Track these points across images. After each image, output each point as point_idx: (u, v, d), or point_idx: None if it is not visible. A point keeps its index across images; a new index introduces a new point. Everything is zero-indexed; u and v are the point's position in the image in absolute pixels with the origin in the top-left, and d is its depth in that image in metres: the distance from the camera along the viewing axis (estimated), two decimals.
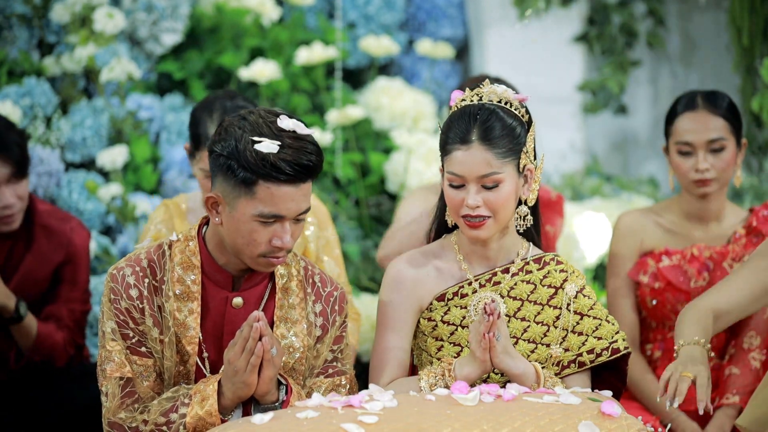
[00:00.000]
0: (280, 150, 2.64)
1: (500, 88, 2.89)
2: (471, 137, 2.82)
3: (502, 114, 2.84)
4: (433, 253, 2.99)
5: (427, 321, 2.94)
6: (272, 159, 2.64)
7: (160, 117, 5.05)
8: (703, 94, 3.57)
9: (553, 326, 2.91)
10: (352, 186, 5.32)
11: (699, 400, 2.71)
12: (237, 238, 2.71)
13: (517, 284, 2.93)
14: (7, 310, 3.61)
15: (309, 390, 2.83)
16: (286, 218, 2.69)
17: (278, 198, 2.67)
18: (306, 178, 2.69)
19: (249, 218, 2.69)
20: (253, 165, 2.64)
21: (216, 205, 2.73)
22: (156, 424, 2.71)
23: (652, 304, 3.62)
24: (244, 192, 2.67)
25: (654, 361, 3.68)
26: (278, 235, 2.70)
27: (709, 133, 3.51)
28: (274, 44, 5.42)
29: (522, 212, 2.90)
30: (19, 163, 3.63)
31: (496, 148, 2.81)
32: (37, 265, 3.77)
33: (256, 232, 2.69)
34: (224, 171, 2.69)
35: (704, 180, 3.52)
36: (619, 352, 2.92)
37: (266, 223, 2.69)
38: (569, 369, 2.90)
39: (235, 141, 2.66)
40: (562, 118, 5.86)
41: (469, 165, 2.81)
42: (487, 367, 2.80)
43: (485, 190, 2.83)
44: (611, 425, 2.57)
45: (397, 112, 5.36)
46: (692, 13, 6.16)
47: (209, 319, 2.79)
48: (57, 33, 5.13)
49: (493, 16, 5.83)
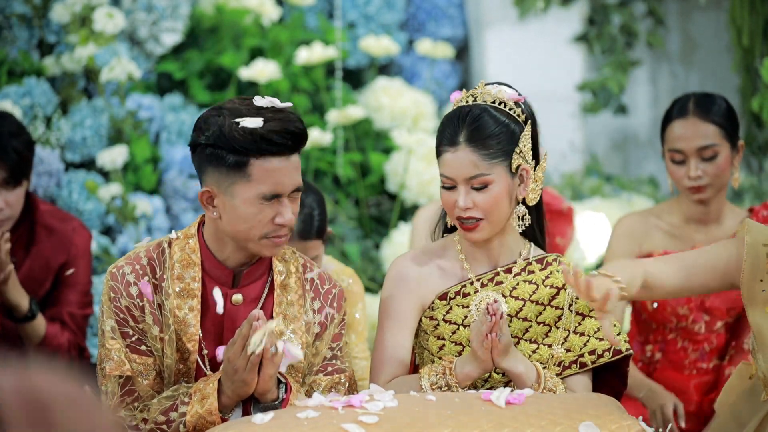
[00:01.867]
0: (265, 123, 2.66)
1: (495, 89, 2.89)
2: (458, 139, 2.82)
3: (493, 114, 2.84)
4: (436, 252, 2.99)
5: (429, 320, 2.94)
6: (260, 132, 2.65)
7: (160, 117, 5.05)
8: (696, 99, 3.55)
9: (554, 326, 2.91)
10: (352, 186, 5.32)
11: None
12: (239, 224, 2.71)
13: (519, 284, 2.93)
14: (21, 309, 3.61)
15: (308, 388, 2.83)
16: (284, 195, 2.71)
17: (273, 173, 2.68)
18: (295, 147, 2.70)
19: (250, 201, 2.69)
20: (243, 143, 2.65)
21: (211, 199, 2.73)
22: (156, 422, 2.71)
23: (652, 307, 3.62)
24: (239, 176, 2.68)
25: (654, 363, 3.68)
26: (280, 212, 2.71)
27: (699, 140, 3.50)
28: (274, 44, 5.42)
29: (520, 212, 2.90)
30: (13, 170, 3.59)
31: (483, 150, 2.81)
32: (38, 265, 3.76)
33: (260, 213, 2.70)
34: (213, 161, 2.69)
35: (698, 187, 3.52)
36: (620, 353, 2.91)
37: (267, 203, 2.70)
38: (570, 369, 2.90)
39: (219, 127, 2.67)
40: (562, 118, 5.86)
41: (457, 167, 2.82)
42: (488, 367, 2.80)
43: (475, 192, 2.83)
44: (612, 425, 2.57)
45: (397, 112, 5.36)
46: (692, 13, 6.16)
47: (209, 316, 2.79)
48: (57, 33, 5.13)
49: (493, 16, 5.83)
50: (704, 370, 3.65)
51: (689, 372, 3.65)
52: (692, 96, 3.58)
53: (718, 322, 3.62)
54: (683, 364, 3.65)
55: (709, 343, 3.64)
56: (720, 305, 3.60)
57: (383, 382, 2.87)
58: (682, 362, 3.65)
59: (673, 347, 3.66)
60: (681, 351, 3.65)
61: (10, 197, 3.62)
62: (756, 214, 3.62)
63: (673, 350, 3.66)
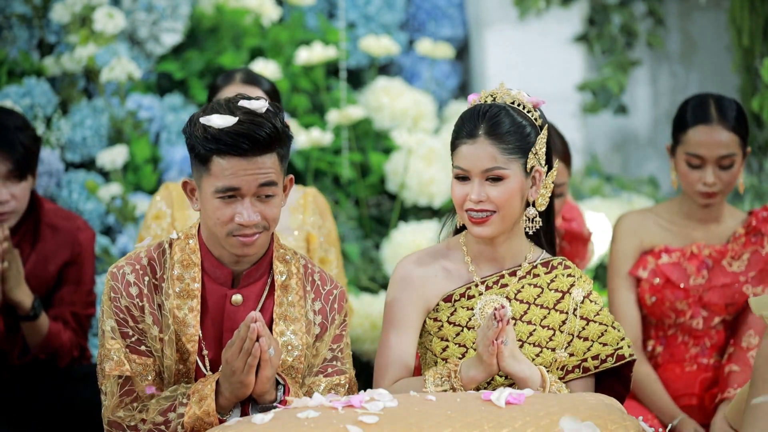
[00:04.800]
0: (233, 124, 2.68)
1: (514, 90, 2.93)
2: (478, 131, 2.85)
3: (512, 112, 2.88)
4: (441, 253, 2.99)
5: (433, 321, 2.95)
6: (215, 132, 2.68)
7: (160, 117, 5.05)
8: (716, 103, 3.52)
9: (558, 330, 2.91)
10: (352, 186, 5.32)
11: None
12: (207, 219, 2.75)
13: (524, 287, 2.93)
14: (24, 307, 3.62)
15: (308, 389, 2.83)
16: (243, 192, 2.70)
17: (229, 171, 2.69)
18: (257, 151, 2.69)
19: (210, 196, 2.72)
20: (202, 140, 2.69)
21: (193, 191, 2.79)
22: (154, 423, 2.71)
23: (651, 301, 3.63)
24: (204, 170, 2.72)
25: (655, 356, 3.69)
26: (238, 211, 2.71)
27: (721, 149, 3.50)
28: (274, 44, 5.42)
29: (530, 214, 2.91)
30: (19, 163, 3.62)
31: (501, 144, 2.84)
32: (43, 263, 3.76)
33: (219, 209, 2.72)
34: (191, 154, 2.75)
35: (710, 193, 3.53)
36: (624, 359, 2.92)
37: (226, 199, 2.71)
38: (574, 374, 2.91)
39: (191, 122, 2.73)
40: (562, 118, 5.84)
41: (474, 159, 2.84)
42: (494, 371, 2.80)
43: (489, 185, 2.84)
44: (612, 425, 2.57)
45: (397, 112, 5.36)
46: (692, 13, 6.16)
47: (209, 316, 2.80)
48: (57, 33, 5.13)
49: (493, 16, 5.83)
50: (705, 365, 3.66)
51: (690, 367, 3.66)
52: (710, 99, 3.55)
53: (716, 318, 3.63)
54: (684, 359, 3.66)
55: (709, 338, 3.65)
56: (718, 301, 3.61)
57: (387, 385, 2.88)
58: (683, 356, 3.66)
59: (673, 341, 3.67)
60: (681, 345, 3.66)
61: (15, 190, 3.64)
62: (756, 215, 3.63)
63: (673, 344, 3.67)
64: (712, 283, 3.60)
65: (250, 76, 3.81)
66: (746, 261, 3.61)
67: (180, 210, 3.77)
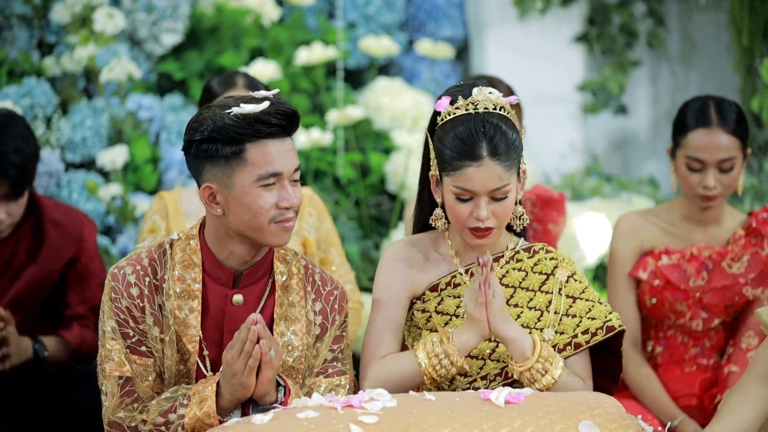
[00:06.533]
0: (267, 106, 2.70)
1: (493, 95, 2.89)
2: (482, 153, 2.83)
3: (503, 125, 2.86)
4: (427, 243, 3.02)
5: (421, 313, 2.96)
6: (254, 114, 2.68)
7: (160, 117, 5.05)
8: (716, 106, 3.51)
9: (546, 311, 2.93)
10: (352, 186, 5.32)
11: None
12: (244, 215, 2.72)
13: (509, 272, 2.95)
14: (29, 361, 3.65)
15: (308, 390, 2.83)
16: (284, 176, 2.71)
17: (269, 155, 2.70)
18: (289, 129, 2.73)
19: (250, 187, 2.70)
20: (238, 128, 2.67)
21: (213, 196, 2.74)
22: (155, 424, 2.71)
23: (651, 303, 3.63)
24: (236, 164, 2.70)
25: (655, 357, 3.70)
26: (283, 196, 2.72)
27: (722, 153, 3.49)
28: (274, 44, 5.42)
29: (518, 212, 2.93)
30: (13, 186, 3.57)
31: (506, 161, 2.84)
32: (48, 259, 3.76)
33: (261, 198, 2.71)
34: (210, 157, 2.71)
35: (710, 196, 3.53)
36: (614, 330, 2.92)
37: (267, 187, 2.71)
38: (566, 351, 2.91)
39: (212, 120, 2.70)
40: (562, 118, 5.86)
41: (483, 181, 2.83)
42: (485, 332, 2.81)
43: (494, 202, 2.85)
44: (611, 425, 2.58)
45: (397, 112, 5.36)
46: (692, 13, 6.16)
47: (210, 317, 2.80)
48: (57, 33, 5.13)
49: (493, 16, 5.83)
50: (705, 366, 3.66)
51: (690, 368, 3.66)
52: (710, 102, 3.53)
53: (716, 319, 3.63)
54: (684, 359, 3.67)
55: (709, 339, 3.66)
56: (718, 302, 3.61)
57: (378, 358, 2.89)
58: (682, 357, 3.67)
59: (673, 342, 3.68)
60: (681, 346, 3.67)
61: (12, 209, 3.62)
62: (756, 217, 3.63)
63: (673, 345, 3.67)
64: (712, 285, 3.60)
65: (252, 81, 3.83)
66: (746, 262, 3.61)
67: (175, 221, 3.76)
